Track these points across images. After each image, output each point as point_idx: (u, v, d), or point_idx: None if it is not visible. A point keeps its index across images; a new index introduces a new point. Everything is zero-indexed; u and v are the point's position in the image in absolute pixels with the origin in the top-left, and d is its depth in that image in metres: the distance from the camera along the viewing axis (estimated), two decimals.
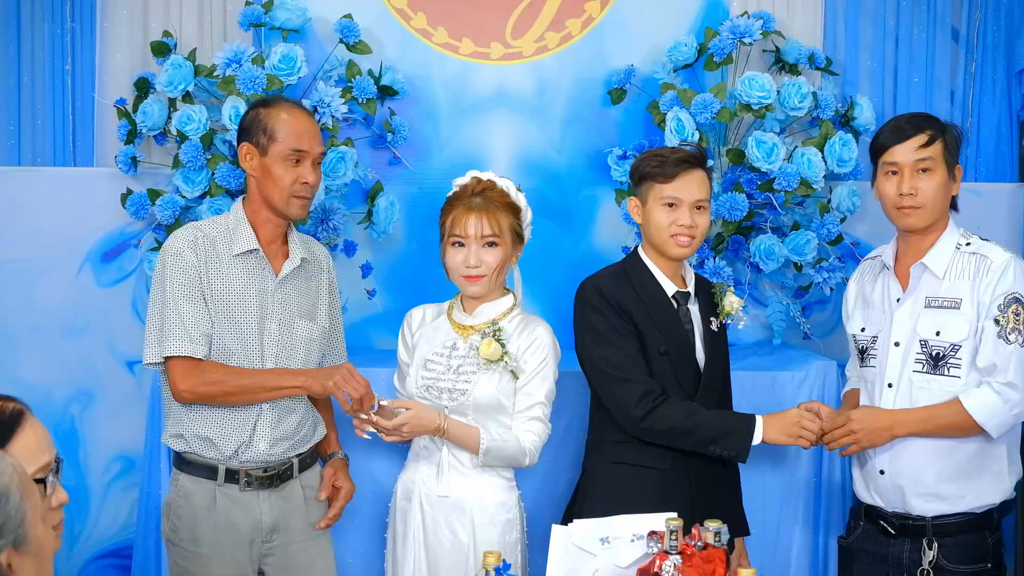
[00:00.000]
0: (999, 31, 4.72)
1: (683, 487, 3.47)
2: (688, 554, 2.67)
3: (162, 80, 4.16)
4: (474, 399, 3.46)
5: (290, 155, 3.34)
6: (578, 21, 4.58)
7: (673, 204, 3.47)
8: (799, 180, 4.24)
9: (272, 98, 3.53)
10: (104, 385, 4.45)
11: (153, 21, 4.50)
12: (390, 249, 4.52)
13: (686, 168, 3.48)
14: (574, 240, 4.59)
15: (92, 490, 4.47)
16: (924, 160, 3.39)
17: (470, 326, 3.54)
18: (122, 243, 4.43)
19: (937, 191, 3.39)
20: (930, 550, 3.37)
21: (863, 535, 3.54)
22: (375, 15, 4.47)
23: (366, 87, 4.25)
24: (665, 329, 3.51)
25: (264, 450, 3.39)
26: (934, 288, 3.40)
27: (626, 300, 3.51)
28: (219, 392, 3.30)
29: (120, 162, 4.27)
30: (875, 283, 3.58)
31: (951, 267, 3.40)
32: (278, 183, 3.35)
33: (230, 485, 3.39)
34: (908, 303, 3.44)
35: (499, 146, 4.57)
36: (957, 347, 3.34)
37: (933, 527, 3.38)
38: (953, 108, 4.75)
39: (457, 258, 3.48)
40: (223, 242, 3.38)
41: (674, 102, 4.33)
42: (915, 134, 3.40)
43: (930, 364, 3.37)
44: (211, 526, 3.38)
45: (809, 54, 4.46)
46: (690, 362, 3.52)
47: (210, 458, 3.38)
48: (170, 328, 3.28)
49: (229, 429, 3.36)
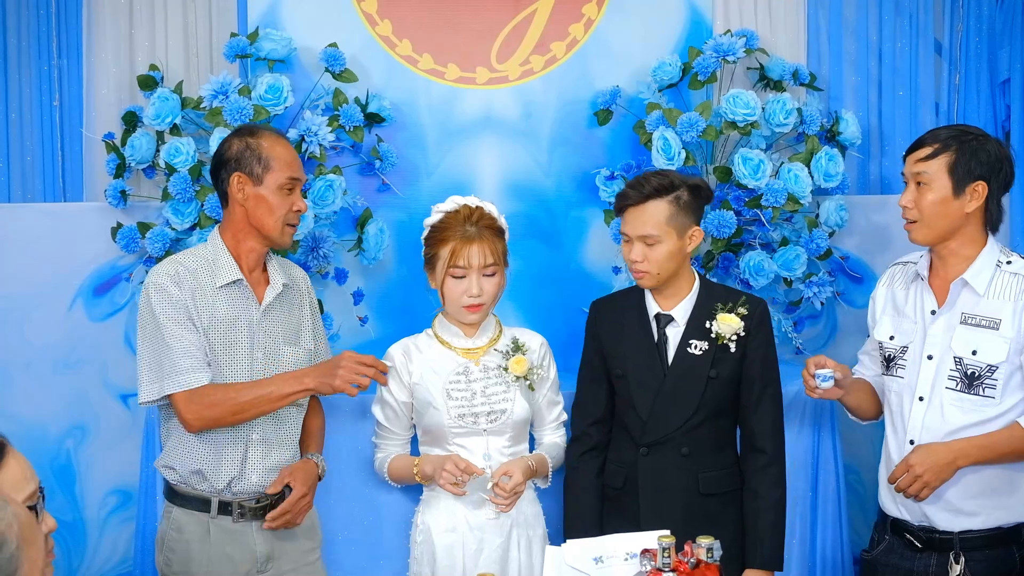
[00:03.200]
0: (982, 43, 4.73)
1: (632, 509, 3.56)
2: (681, 571, 2.67)
3: (149, 113, 4.17)
4: (514, 417, 3.58)
5: (285, 183, 3.34)
6: (563, 44, 4.60)
7: (627, 239, 3.52)
8: (786, 196, 4.26)
9: (256, 127, 3.51)
10: (98, 419, 4.45)
11: (139, 55, 4.52)
12: (381, 275, 4.53)
13: (631, 204, 3.49)
14: (564, 261, 4.60)
15: (89, 524, 4.47)
16: (919, 174, 3.32)
17: (477, 348, 3.62)
18: (113, 277, 4.43)
19: (932, 207, 3.30)
20: (957, 564, 3.31)
21: (887, 549, 3.48)
22: (360, 43, 4.49)
23: (353, 115, 4.27)
24: (630, 353, 3.58)
25: (256, 482, 3.38)
26: (972, 305, 3.32)
27: (602, 323, 3.65)
28: (226, 412, 3.27)
29: (110, 196, 4.28)
30: (907, 292, 3.49)
31: (992, 285, 3.31)
32: (274, 212, 3.34)
33: (223, 517, 3.37)
34: (944, 318, 3.36)
35: (487, 170, 4.58)
36: (994, 368, 3.26)
37: (960, 541, 3.33)
38: (938, 120, 4.76)
39: (458, 289, 3.53)
40: (205, 273, 3.36)
41: (660, 121, 4.35)
42: (920, 146, 3.34)
43: (964, 383, 3.30)
44: (205, 558, 3.36)
45: (793, 70, 4.48)
46: (650, 387, 3.55)
47: (203, 490, 3.37)
48: (169, 362, 3.26)
49: (221, 462, 3.34)
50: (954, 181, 3.29)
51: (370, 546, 3.98)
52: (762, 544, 3.52)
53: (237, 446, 3.36)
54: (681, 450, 3.54)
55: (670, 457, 3.54)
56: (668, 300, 3.58)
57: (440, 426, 3.56)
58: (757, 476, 3.57)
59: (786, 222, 4.45)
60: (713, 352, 3.54)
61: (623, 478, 3.60)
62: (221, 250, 3.39)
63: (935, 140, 3.33)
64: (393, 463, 3.67)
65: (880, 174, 4.77)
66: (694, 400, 3.53)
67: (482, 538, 3.55)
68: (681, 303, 3.58)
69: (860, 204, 4.65)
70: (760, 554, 3.52)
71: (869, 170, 4.79)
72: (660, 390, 3.53)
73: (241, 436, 3.36)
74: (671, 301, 3.58)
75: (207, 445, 3.34)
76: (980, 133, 3.37)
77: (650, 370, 3.53)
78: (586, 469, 3.64)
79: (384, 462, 3.69)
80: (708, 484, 3.56)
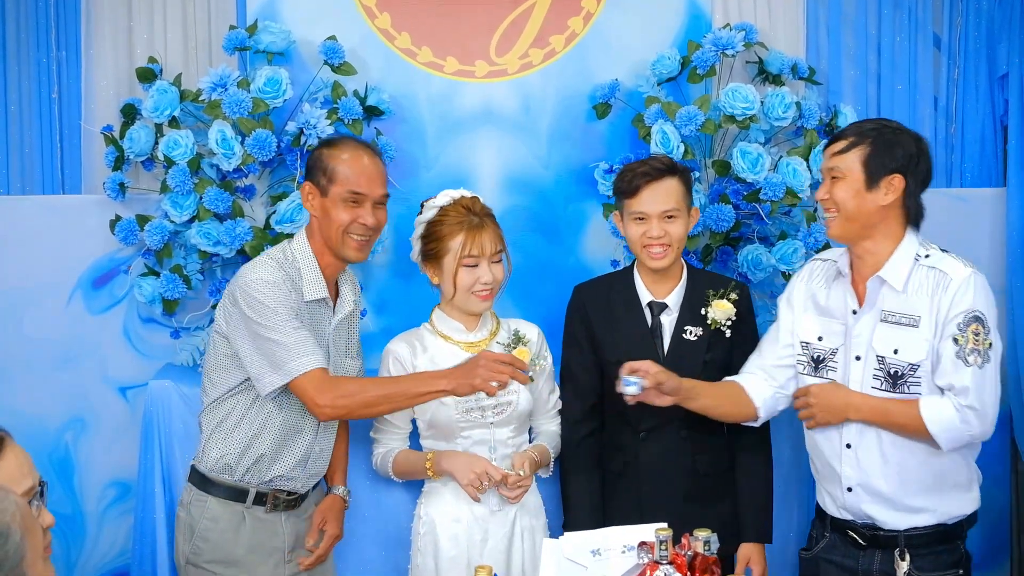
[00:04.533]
0: (980, 37, 4.74)
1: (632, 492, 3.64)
2: (679, 563, 2.68)
3: (148, 106, 4.17)
4: (519, 409, 3.64)
5: (348, 197, 3.37)
6: (562, 37, 4.59)
7: (642, 218, 3.57)
8: (785, 190, 4.26)
9: (338, 138, 3.60)
10: (97, 412, 4.45)
11: (138, 47, 4.51)
12: (379, 269, 4.53)
13: (648, 181, 3.57)
14: (563, 255, 4.60)
15: (88, 517, 4.47)
16: (833, 168, 3.31)
17: (479, 341, 3.68)
18: (112, 269, 4.43)
19: (846, 200, 3.27)
20: (903, 561, 3.31)
21: (829, 546, 3.48)
22: (359, 36, 4.49)
23: (352, 108, 4.27)
24: (624, 339, 3.65)
25: (300, 485, 3.53)
26: (892, 302, 3.29)
27: (593, 308, 3.72)
28: (359, 404, 3.35)
29: (108, 189, 4.28)
30: (828, 290, 3.46)
31: (911, 281, 3.28)
32: (335, 223, 3.38)
33: (257, 507, 3.47)
34: (866, 317, 3.33)
35: (486, 163, 4.58)
36: (916, 367, 3.24)
37: (905, 538, 3.32)
38: (937, 115, 4.77)
39: (470, 277, 3.59)
40: (296, 283, 3.40)
41: (659, 115, 4.35)
42: (837, 140, 3.33)
43: (888, 382, 3.28)
44: (243, 548, 3.46)
45: (792, 64, 4.47)
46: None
47: (239, 481, 3.45)
48: (293, 347, 3.29)
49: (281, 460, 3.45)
50: (867, 174, 3.26)
51: (371, 538, 4.00)
52: (756, 519, 3.69)
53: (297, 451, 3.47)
54: (680, 433, 3.64)
55: (669, 440, 3.65)
56: (661, 287, 3.67)
57: (448, 421, 3.59)
58: (748, 454, 3.72)
59: (784, 216, 4.46)
60: (708, 337, 3.64)
61: (622, 462, 3.68)
62: (311, 263, 3.44)
63: (851, 133, 3.32)
64: (399, 458, 3.69)
65: None
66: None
67: (487, 528, 3.58)
68: (674, 290, 3.68)
69: None
70: (755, 529, 3.68)
71: None
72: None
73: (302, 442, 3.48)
74: (664, 288, 3.67)
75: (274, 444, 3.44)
76: (897, 127, 3.35)
77: (646, 356, 3.54)
78: (586, 454, 3.70)
79: (387, 457, 3.70)
80: (705, 465, 3.68)
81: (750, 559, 3.67)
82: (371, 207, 3.41)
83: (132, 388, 4.40)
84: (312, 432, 3.49)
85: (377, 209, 3.44)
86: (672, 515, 3.18)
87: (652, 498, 3.61)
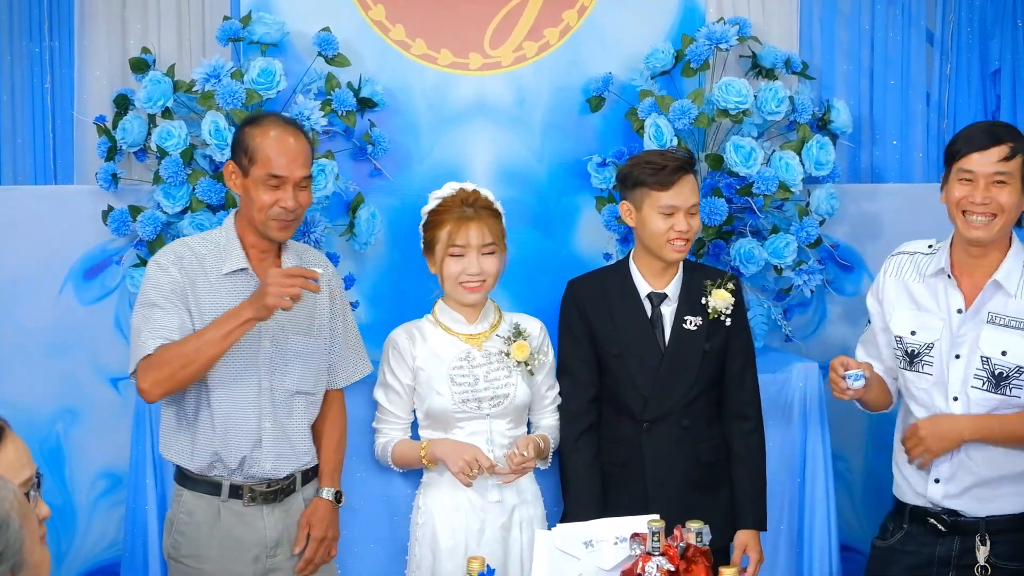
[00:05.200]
0: (973, 33, 4.75)
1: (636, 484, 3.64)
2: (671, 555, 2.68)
3: (141, 96, 4.16)
4: (516, 402, 3.66)
5: (268, 179, 3.30)
6: (556, 30, 4.59)
7: (671, 212, 3.59)
8: (778, 184, 4.26)
9: (262, 116, 3.48)
10: (89, 402, 4.44)
11: (131, 38, 4.50)
12: (372, 261, 4.53)
13: (681, 175, 3.60)
14: (555, 247, 4.60)
15: (79, 507, 4.46)
16: (1002, 173, 3.31)
17: (479, 333, 3.69)
18: (104, 260, 4.42)
19: (1012, 206, 3.32)
20: (983, 546, 3.33)
21: (906, 537, 3.49)
22: (353, 28, 4.48)
23: (345, 99, 4.26)
24: (624, 331, 3.68)
25: (268, 468, 3.41)
26: (1001, 305, 3.34)
27: (589, 302, 3.73)
28: (176, 367, 3.19)
29: (101, 179, 4.27)
30: (925, 286, 3.48)
31: (1021, 285, 3.34)
32: (256, 204, 3.32)
33: (234, 500, 3.41)
34: (971, 316, 3.37)
35: (479, 156, 4.57)
36: (1022, 369, 3.30)
37: (986, 523, 3.35)
38: (929, 110, 4.78)
39: (456, 268, 3.61)
40: (212, 260, 3.37)
41: (652, 109, 4.35)
42: (995, 145, 3.32)
43: (991, 383, 3.32)
44: (215, 542, 3.40)
45: (785, 59, 4.48)
46: (650, 363, 3.66)
47: (214, 475, 3.40)
48: (141, 334, 3.27)
49: (234, 445, 3.36)
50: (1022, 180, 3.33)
51: (369, 530, 3.98)
52: (753, 507, 3.72)
53: (250, 433, 3.38)
54: (682, 423, 3.68)
55: (672, 431, 3.67)
56: (660, 278, 3.70)
57: (444, 411, 3.61)
58: (744, 442, 3.76)
59: (777, 210, 4.47)
60: (707, 327, 3.68)
61: (624, 454, 3.69)
62: (232, 237, 3.41)
63: (1002, 139, 3.33)
64: (398, 447, 3.70)
65: (871, 163, 4.78)
66: (692, 374, 3.67)
67: (484, 519, 3.60)
68: (672, 281, 3.70)
69: (851, 193, 4.66)
70: (752, 516, 3.72)
71: (860, 159, 4.80)
72: (661, 367, 3.65)
73: (253, 425, 3.38)
74: (663, 279, 3.70)
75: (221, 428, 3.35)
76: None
77: (648, 347, 3.66)
78: (587, 449, 3.70)
79: (387, 447, 3.72)
80: (707, 453, 3.72)
81: (747, 546, 3.71)
82: (292, 189, 3.32)
83: (123, 379, 4.37)
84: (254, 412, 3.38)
85: (299, 191, 3.34)
86: (677, 505, 3.25)
87: (657, 489, 3.63)
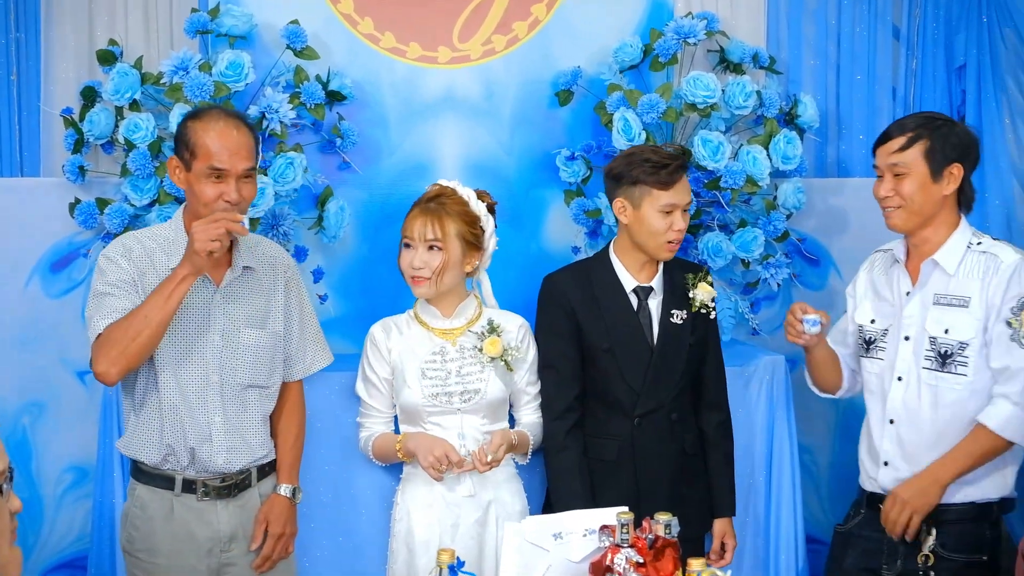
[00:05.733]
0: (938, 28, 4.78)
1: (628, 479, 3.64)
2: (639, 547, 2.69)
3: (108, 89, 4.14)
4: (488, 398, 3.63)
5: (210, 172, 3.28)
6: (524, 24, 4.59)
7: (671, 210, 3.60)
8: (745, 178, 4.29)
9: (204, 110, 3.44)
10: (56, 395, 4.41)
11: (98, 30, 4.47)
12: (341, 254, 4.52)
13: (680, 173, 3.62)
14: (524, 241, 4.60)
15: (46, 501, 4.44)
16: (896, 164, 3.41)
17: (455, 328, 3.68)
18: (71, 253, 4.39)
19: (913, 194, 3.39)
20: (930, 536, 3.39)
21: (862, 521, 3.58)
22: (322, 21, 4.47)
23: (314, 92, 4.25)
24: (612, 325, 3.66)
25: (221, 463, 3.40)
26: (943, 285, 3.43)
27: (574, 297, 3.69)
28: (126, 341, 3.17)
29: (68, 172, 4.25)
30: (885, 276, 3.60)
31: (962, 265, 3.42)
32: (200, 198, 3.30)
33: (187, 495, 3.40)
34: (917, 298, 3.47)
35: (448, 149, 4.57)
36: (965, 345, 3.37)
37: (936, 512, 3.40)
38: (895, 104, 4.82)
39: (405, 260, 3.62)
40: (161, 254, 3.35)
41: (621, 103, 4.37)
42: (890, 139, 3.44)
43: (938, 361, 3.40)
44: (169, 536, 3.38)
45: (753, 53, 4.50)
46: (639, 357, 3.66)
47: (166, 469, 3.38)
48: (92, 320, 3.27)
49: (185, 440, 3.35)
50: (932, 167, 3.40)
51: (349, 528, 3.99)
52: (730, 495, 3.80)
53: (200, 427, 3.36)
54: (671, 416, 3.70)
55: (663, 424, 3.69)
56: (643, 272, 3.71)
57: (414, 405, 3.61)
58: (717, 432, 3.82)
59: (744, 204, 4.49)
60: (691, 320, 3.71)
61: (615, 450, 3.68)
62: (180, 231, 3.38)
63: (904, 130, 3.44)
64: (377, 441, 3.72)
65: (837, 157, 4.81)
66: (681, 367, 3.70)
67: (458, 514, 3.59)
68: (656, 275, 3.72)
69: (817, 187, 4.70)
70: (727, 504, 3.79)
71: (827, 153, 4.83)
72: (651, 361, 3.66)
73: (204, 418, 3.37)
74: (646, 273, 3.72)
75: (172, 421, 3.34)
76: (946, 118, 3.51)
77: (638, 342, 3.66)
78: (575, 446, 3.67)
79: (368, 440, 3.74)
80: (691, 445, 3.76)
81: (725, 533, 3.79)
82: (235, 182, 3.29)
83: (90, 372, 4.35)
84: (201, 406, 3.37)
85: (243, 184, 3.31)
86: (666, 498, 3.29)
87: (649, 484, 3.65)
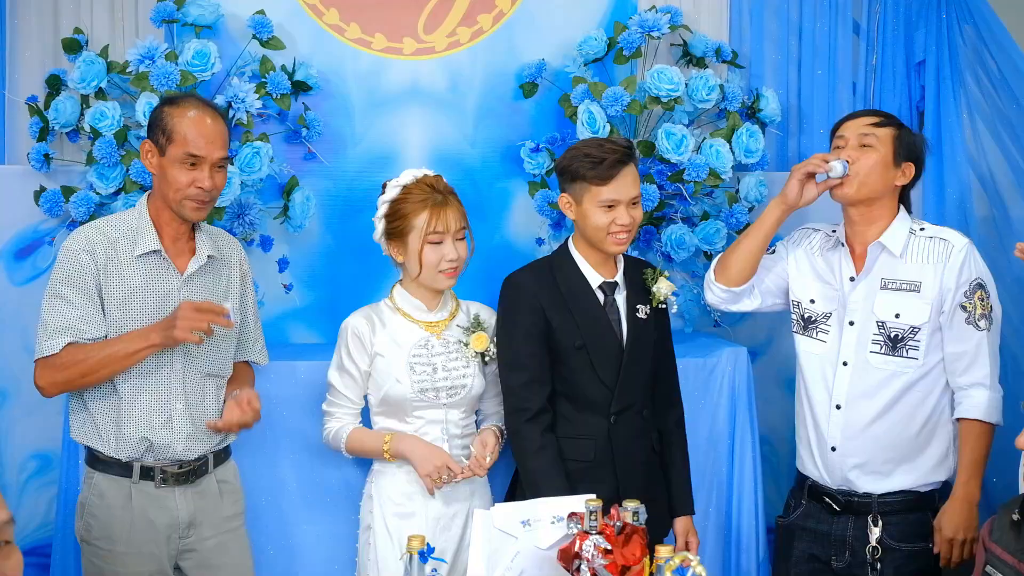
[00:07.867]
0: (898, 24, 4.82)
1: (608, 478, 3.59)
2: (608, 534, 2.73)
3: (74, 77, 4.13)
4: (473, 392, 3.66)
5: (185, 159, 3.32)
6: (489, 16, 4.61)
7: (612, 205, 3.56)
8: (708, 171, 4.33)
9: (180, 96, 3.50)
10: (19, 383, 4.35)
11: (64, 18, 4.45)
12: (306, 243, 4.52)
13: (620, 168, 3.55)
14: (488, 233, 4.59)
15: (8, 488, 4.40)
16: (867, 136, 3.48)
17: (439, 321, 3.69)
18: (35, 240, 4.37)
19: (874, 167, 3.46)
20: (876, 527, 3.44)
21: (804, 514, 3.61)
22: (287, 11, 4.46)
23: (280, 83, 4.26)
24: (584, 323, 3.62)
25: (180, 449, 3.41)
26: (890, 270, 3.48)
27: (542, 296, 3.64)
28: (75, 375, 3.29)
29: (33, 159, 4.23)
30: (824, 259, 3.63)
31: (909, 249, 3.48)
32: (172, 184, 3.34)
33: (145, 482, 3.41)
34: (863, 283, 3.51)
35: (413, 141, 4.58)
36: (917, 329, 3.42)
37: (878, 504, 3.46)
38: (855, 100, 4.85)
39: (436, 255, 3.60)
40: (125, 242, 3.37)
41: (585, 95, 4.39)
42: (867, 114, 3.55)
43: (888, 346, 3.45)
44: (127, 523, 3.39)
45: (716, 47, 4.54)
46: (611, 354, 3.63)
47: (123, 456, 3.39)
48: (47, 325, 3.31)
49: (145, 426, 3.36)
50: (895, 152, 3.49)
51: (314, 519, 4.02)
52: (688, 493, 3.79)
53: (160, 414, 3.37)
54: (643, 413, 3.69)
55: (635, 421, 3.68)
56: (606, 268, 3.69)
57: (402, 398, 3.60)
58: (675, 429, 3.81)
59: (707, 197, 4.53)
60: (653, 314, 3.70)
61: (592, 450, 3.62)
62: (144, 218, 3.40)
63: (878, 114, 3.56)
64: (354, 435, 3.68)
65: (799, 151, 4.84)
66: (649, 362, 3.69)
67: (437, 506, 3.60)
68: (618, 271, 3.70)
69: (779, 180, 4.64)
70: (688, 503, 3.78)
71: (788, 147, 4.86)
72: (623, 357, 3.63)
73: (163, 406, 3.38)
74: (608, 269, 3.69)
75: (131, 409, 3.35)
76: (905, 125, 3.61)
77: (608, 338, 3.62)
78: (551, 446, 3.59)
79: (341, 433, 3.69)
80: (656, 441, 3.74)
81: (688, 531, 3.78)
82: (209, 169, 3.35)
83: None
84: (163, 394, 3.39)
85: (216, 172, 3.38)
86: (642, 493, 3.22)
87: (627, 481, 3.59)
